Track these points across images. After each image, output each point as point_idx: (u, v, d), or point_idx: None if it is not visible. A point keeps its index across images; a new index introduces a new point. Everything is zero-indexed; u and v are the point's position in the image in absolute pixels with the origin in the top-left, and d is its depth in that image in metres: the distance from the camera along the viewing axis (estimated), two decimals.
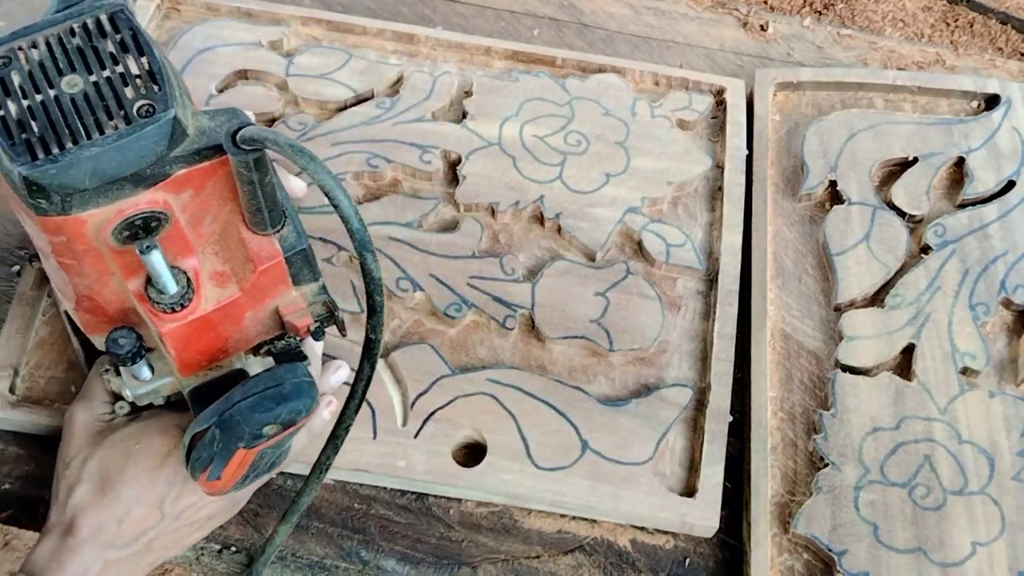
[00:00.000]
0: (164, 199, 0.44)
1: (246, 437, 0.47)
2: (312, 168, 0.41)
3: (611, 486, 0.65)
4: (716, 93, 0.85)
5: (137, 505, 0.54)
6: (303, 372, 0.49)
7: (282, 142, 0.42)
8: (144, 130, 0.42)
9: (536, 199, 0.77)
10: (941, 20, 1.03)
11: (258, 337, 0.52)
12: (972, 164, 0.80)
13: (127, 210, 0.43)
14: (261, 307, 0.50)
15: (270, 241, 0.47)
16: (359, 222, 0.43)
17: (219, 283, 0.48)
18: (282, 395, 0.47)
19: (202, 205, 0.46)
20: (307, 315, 0.51)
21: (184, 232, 0.46)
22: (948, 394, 0.69)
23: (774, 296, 0.75)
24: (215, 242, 0.48)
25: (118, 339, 0.49)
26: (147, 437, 0.55)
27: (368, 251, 0.43)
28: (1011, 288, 0.74)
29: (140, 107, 0.43)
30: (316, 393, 0.49)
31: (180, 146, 0.43)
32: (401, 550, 0.65)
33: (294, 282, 0.49)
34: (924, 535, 0.63)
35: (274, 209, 0.46)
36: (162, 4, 0.86)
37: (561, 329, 0.71)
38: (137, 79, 0.43)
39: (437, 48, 0.86)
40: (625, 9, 0.94)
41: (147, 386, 0.54)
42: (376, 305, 0.45)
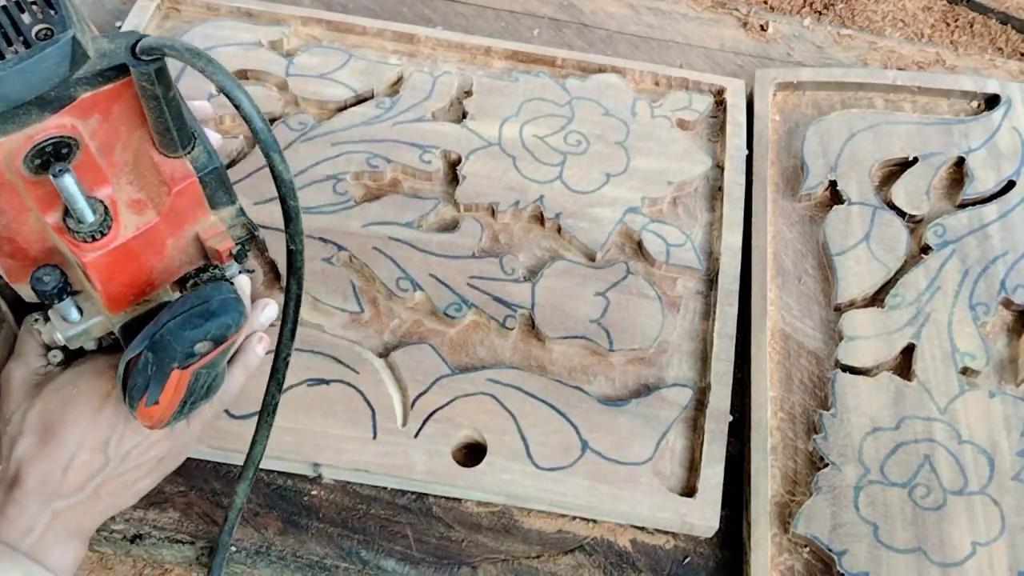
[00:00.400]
0: (72, 123, 0.44)
1: (179, 356, 0.47)
2: (211, 70, 0.42)
3: (611, 486, 0.65)
4: (716, 93, 0.85)
5: (81, 450, 0.53)
6: (229, 289, 0.49)
7: (179, 46, 0.42)
8: (44, 51, 0.42)
9: (536, 199, 0.77)
10: (941, 20, 1.03)
11: (182, 267, 0.52)
12: (972, 164, 0.80)
13: (36, 135, 0.44)
14: (181, 233, 0.50)
15: (182, 162, 0.48)
16: (262, 121, 0.43)
17: (137, 210, 0.48)
18: (210, 311, 0.48)
19: (111, 131, 0.46)
20: (227, 238, 0.51)
21: (96, 160, 0.46)
22: (948, 394, 0.69)
23: (774, 296, 0.75)
24: (129, 171, 0.48)
25: (42, 276, 0.49)
26: (84, 380, 0.55)
27: (275, 151, 0.44)
28: (1011, 288, 0.74)
29: (39, 31, 0.43)
30: (243, 308, 0.49)
31: (82, 67, 0.44)
32: (401, 550, 0.65)
33: (211, 205, 0.49)
34: (924, 535, 0.63)
35: (182, 128, 0.46)
36: (162, 4, 0.86)
37: (561, 329, 0.71)
38: (33, 5, 0.44)
39: (437, 48, 0.86)
40: (625, 9, 0.94)
41: (77, 327, 0.54)
42: (291, 210, 0.46)
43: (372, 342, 0.71)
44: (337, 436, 0.66)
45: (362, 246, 0.74)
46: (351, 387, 0.68)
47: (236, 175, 0.77)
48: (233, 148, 0.78)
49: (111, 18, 0.90)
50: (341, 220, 0.75)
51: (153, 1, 0.86)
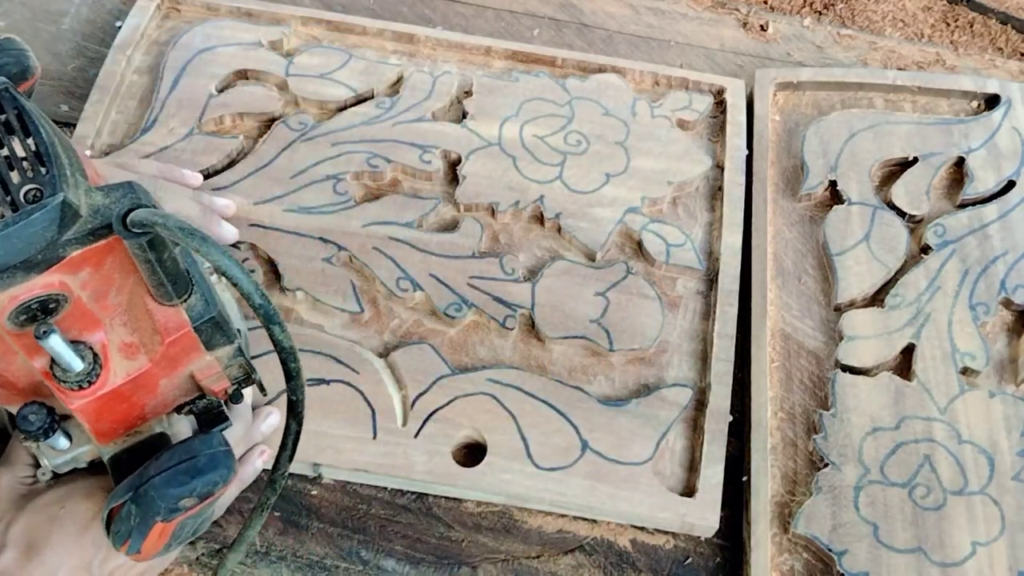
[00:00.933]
0: (60, 280, 0.42)
1: (162, 511, 0.46)
2: (205, 250, 0.40)
3: (611, 486, 0.65)
4: (716, 93, 0.85)
5: (63, 569, 0.53)
6: (219, 442, 0.48)
7: (172, 225, 0.40)
8: (32, 217, 0.40)
9: (536, 199, 0.77)
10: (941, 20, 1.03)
11: (176, 401, 0.51)
12: (972, 164, 0.80)
13: (21, 296, 0.41)
14: (175, 374, 0.48)
15: (177, 311, 0.46)
16: (261, 298, 0.41)
17: (128, 355, 0.47)
18: (197, 468, 0.47)
19: (104, 280, 0.45)
20: (223, 379, 0.50)
21: (87, 308, 0.45)
22: (948, 394, 0.69)
23: (774, 296, 0.75)
24: (123, 312, 0.46)
25: (28, 416, 0.47)
26: (72, 501, 0.54)
27: (275, 323, 0.42)
28: (1011, 288, 0.74)
29: (27, 192, 0.40)
30: (233, 462, 0.48)
31: (72, 228, 0.41)
32: (401, 550, 0.65)
33: (207, 347, 0.48)
34: (924, 535, 0.63)
35: (178, 281, 0.45)
36: (162, 4, 0.86)
37: (561, 329, 0.71)
38: (24, 162, 0.41)
39: (437, 48, 0.86)
40: (625, 9, 0.94)
41: (66, 455, 0.53)
42: (292, 371, 0.45)
43: (372, 342, 0.71)
44: (337, 436, 0.66)
45: (362, 246, 0.74)
46: (351, 387, 0.68)
47: (236, 175, 0.77)
48: (233, 148, 0.78)
49: (111, 18, 0.90)
50: (341, 220, 0.75)
51: (153, 1, 0.86)
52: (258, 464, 0.62)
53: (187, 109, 0.80)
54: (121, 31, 0.84)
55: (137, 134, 0.78)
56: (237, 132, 0.80)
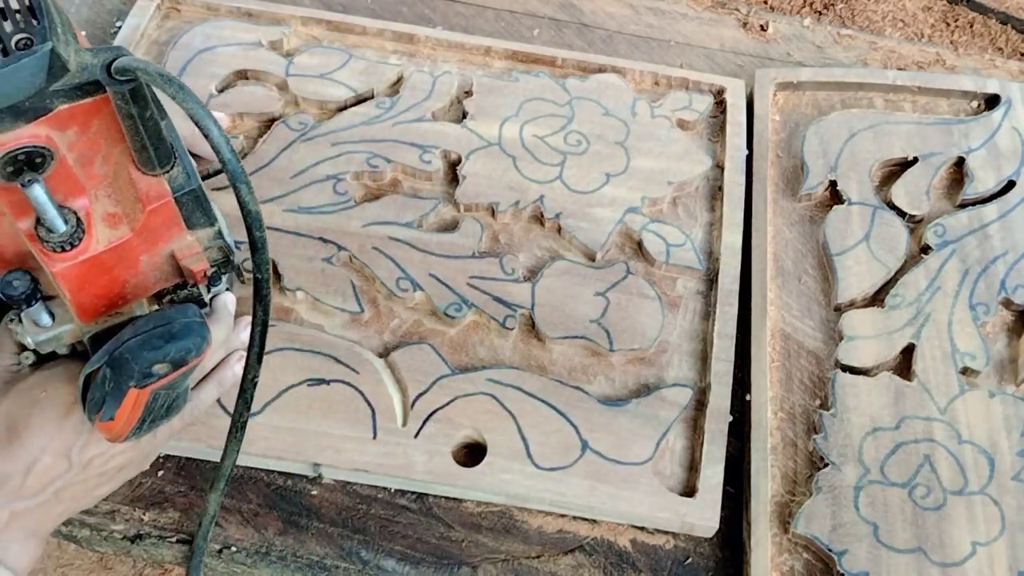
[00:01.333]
0: (47, 134, 0.44)
1: (136, 375, 0.47)
2: (181, 97, 0.41)
3: (611, 486, 0.65)
4: (716, 93, 0.85)
5: (44, 454, 0.53)
6: (194, 313, 0.49)
7: (152, 71, 0.41)
8: (21, 62, 0.42)
9: (536, 199, 0.77)
10: (941, 20, 1.03)
11: (156, 283, 0.52)
12: (972, 164, 0.80)
13: (8, 143, 0.43)
14: (155, 251, 0.49)
15: (159, 181, 0.47)
16: (230, 152, 0.43)
17: (111, 224, 0.48)
18: (171, 333, 0.47)
19: (90, 144, 0.46)
20: (203, 259, 0.51)
21: (73, 171, 0.46)
22: (948, 394, 0.69)
23: (774, 296, 0.75)
24: (108, 184, 0.48)
25: (12, 281, 0.48)
26: (53, 385, 0.54)
27: (242, 183, 0.43)
28: (1011, 288, 0.74)
29: (18, 40, 0.42)
30: (207, 332, 0.49)
31: (60, 80, 0.43)
32: (401, 550, 0.65)
33: (188, 225, 0.49)
34: (924, 535, 0.63)
35: (160, 147, 0.46)
36: (162, 4, 0.86)
37: (561, 329, 0.71)
38: (16, 13, 0.43)
39: (437, 48, 0.86)
40: (625, 9, 0.94)
41: (48, 332, 0.53)
42: (257, 241, 0.45)
43: (372, 342, 0.71)
44: (337, 436, 0.66)
45: (362, 246, 0.74)
46: (351, 387, 0.68)
47: None
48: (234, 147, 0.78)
49: (111, 18, 0.90)
50: (341, 220, 0.75)
51: (153, 1, 0.86)
52: (237, 369, 0.61)
53: None
54: (121, 31, 0.84)
55: None
56: (237, 132, 0.80)
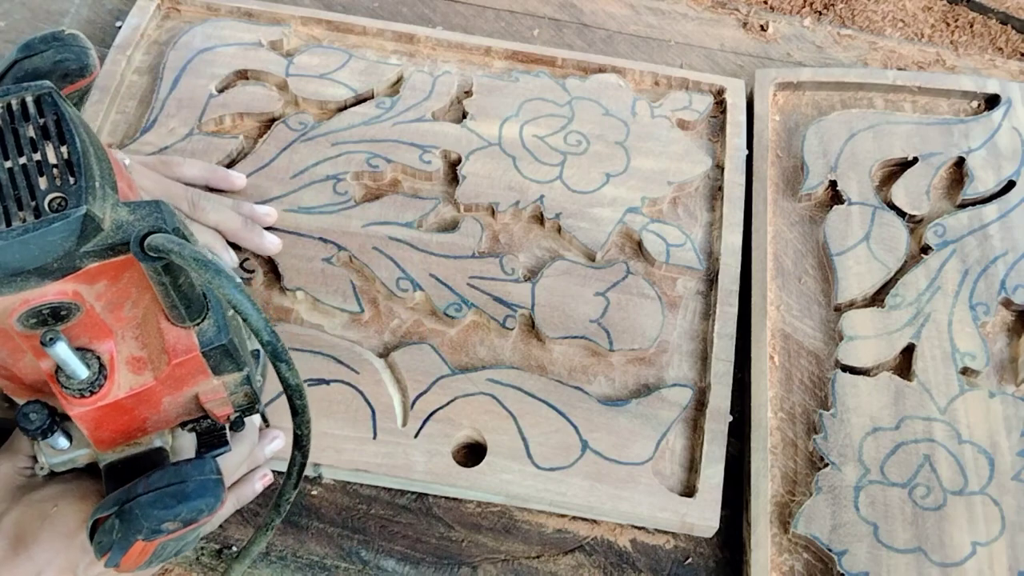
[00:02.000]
0: (74, 290, 0.42)
1: (144, 531, 0.46)
2: (218, 283, 0.40)
3: (611, 486, 0.65)
4: (716, 93, 0.85)
5: (49, 568, 0.53)
6: (211, 469, 0.48)
7: (187, 255, 0.39)
8: (52, 226, 0.40)
9: (536, 199, 0.77)
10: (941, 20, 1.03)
11: (178, 418, 0.51)
12: (972, 164, 0.80)
13: (32, 300, 0.41)
14: (179, 394, 0.48)
15: (188, 334, 0.46)
16: (270, 334, 0.41)
17: (135, 369, 0.46)
18: (184, 493, 0.46)
19: (120, 293, 0.44)
20: (227, 404, 0.50)
21: (99, 318, 0.44)
22: (948, 394, 0.69)
23: (774, 296, 0.75)
24: (135, 326, 0.46)
25: (28, 414, 0.47)
26: (65, 501, 0.54)
27: (282, 361, 0.42)
28: (1011, 288, 0.74)
29: (52, 200, 0.40)
30: (222, 492, 0.48)
31: (92, 241, 0.41)
32: (401, 550, 0.65)
33: (215, 372, 0.48)
34: (924, 535, 0.63)
35: (191, 305, 0.45)
36: (162, 4, 0.86)
37: (561, 329, 0.71)
38: (54, 168, 0.41)
39: (437, 48, 0.86)
40: (625, 9, 0.94)
41: (64, 456, 0.53)
42: (298, 408, 0.45)
43: (372, 342, 0.71)
44: (337, 436, 0.66)
45: (362, 246, 0.74)
46: (351, 387, 0.68)
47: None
48: (233, 148, 0.78)
49: (111, 18, 0.90)
50: (341, 220, 0.75)
51: (153, 1, 0.86)
52: (258, 487, 0.62)
53: (187, 109, 0.80)
54: (121, 31, 0.84)
55: (137, 134, 0.78)
56: (237, 132, 0.80)
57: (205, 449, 0.52)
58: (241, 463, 0.60)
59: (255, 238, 0.72)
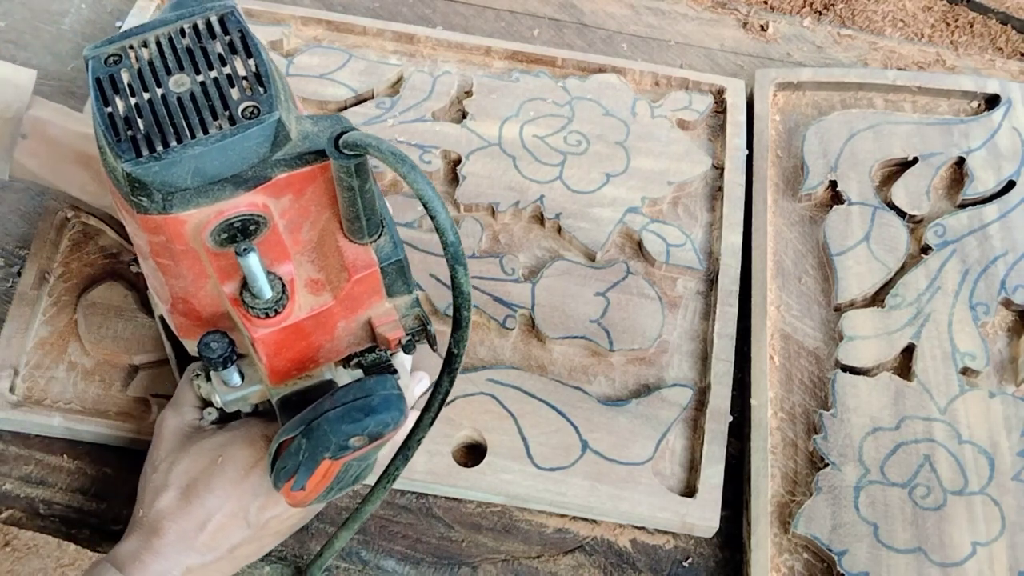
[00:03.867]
0: (264, 202, 0.44)
1: (332, 447, 0.47)
2: (412, 177, 0.41)
3: (611, 486, 0.65)
4: (716, 93, 0.85)
5: (220, 514, 0.54)
6: (393, 385, 0.48)
7: (384, 148, 0.41)
8: (248, 131, 0.42)
9: (536, 199, 0.77)
10: (941, 20, 1.03)
11: (349, 348, 0.52)
12: (972, 164, 0.80)
13: (227, 211, 0.43)
14: (353, 317, 0.49)
15: (366, 250, 0.47)
16: (454, 235, 0.42)
17: (313, 291, 0.48)
18: (371, 407, 0.47)
19: (301, 211, 0.46)
20: (399, 328, 0.50)
21: (282, 237, 0.46)
22: (948, 394, 0.69)
23: (774, 296, 0.75)
24: (311, 249, 0.48)
25: (210, 343, 0.49)
26: (234, 447, 0.55)
27: (460, 264, 0.43)
28: (1011, 288, 0.74)
29: (245, 108, 0.43)
30: (405, 406, 0.48)
31: (283, 149, 0.43)
32: (401, 550, 0.65)
33: (388, 294, 0.49)
34: (924, 535, 0.63)
35: (372, 218, 0.46)
36: (162, 4, 0.86)
37: (561, 329, 0.71)
38: (244, 80, 0.43)
39: (437, 48, 0.86)
40: (625, 9, 0.94)
41: (237, 392, 0.54)
42: (462, 320, 0.45)
43: None
44: None
45: None
46: None
47: None
48: None
49: (111, 18, 0.90)
50: None
51: (153, 1, 0.86)
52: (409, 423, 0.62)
53: None
54: (121, 31, 0.84)
55: None
56: None
57: None
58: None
59: None
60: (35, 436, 0.67)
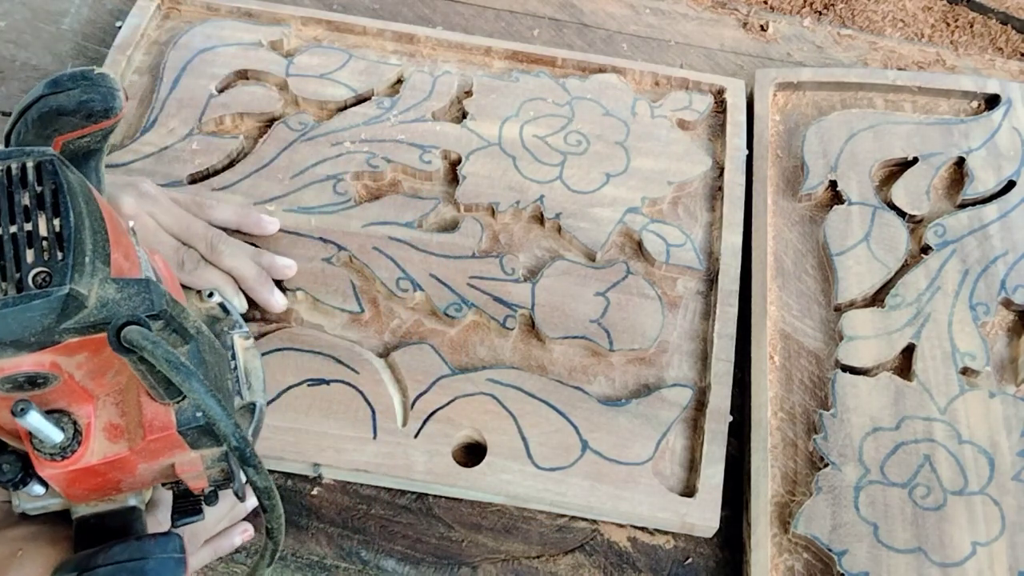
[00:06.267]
0: (52, 361, 0.41)
1: None
2: (188, 386, 0.39)
3: (611, 486, 0.65)
4: (716, 93, 0.85)
5: None
6: (174, 548, 0.47)
7: (159, 355, 0.39)
8: (32, 303, 0.39)
9: (536, 199, 0.77)
10: (941, 20, 1.03)
11: (154, 482, 0.50)
12: (972, 164, 0.80)
13: (7, 369, 0.40)
14: (155, 463, 0.47)
15: (166, 411, 0.45)
16: (239, 440, 0.41)
17: (111, 437, 0.45)
18: (143, 571, 0.46)
19: (103, 363, 0.44)
20: (203, 478, 0.49)
21: (79, 385, 0.44)
22: (948, 394, 0.69)
23: (774, 296, 0.75)
24: (117, 392, 0.46)
25: (2, 466, 0.46)
26: (36, 544, 0.53)
27: (251, 465, 0.41)
28: (1011, 288, 0.74)
29: (36, 275, 0.39)
30: (182, 572, 0.47)
31: (73, 319, 0.40)
32: (401, 550, 0.65)
33: (192, 447, 0.47)
34: (924, 535, 0.63)
35: (170, 387, 0.43)
36: (162, 4, 0.86)
37: (561, 329, 0.71)
38: (43, 241, 0.40)
39: (437, 48, 0.86)
40: (625, 9, 0.94)
41: (38, 502, 0.52)
42: (267, 507, 0.44)
43: (372, 342, 0.71)
44: (337, 436, 0.66)
45: (362, 246, 0.74)
46: (351, 387, 0.68)
47: (236, 175, 0.77)
48: (233, 148, 0.78)
49: (111, 18, 0.90)
50: (341, 220, 0.75)
51: (153, 1, 0.86)
52: (236, 541, 0.62)
53: (187, 109, 0.80)
54: (121, 31, 0.84)
55: (137, 134, 0.78)
56: (237, 132, 0.80)
57: (179, 515, 0.51)
58: (223, 517, 0.61)
59: (264, 293, 0.70)
60: None
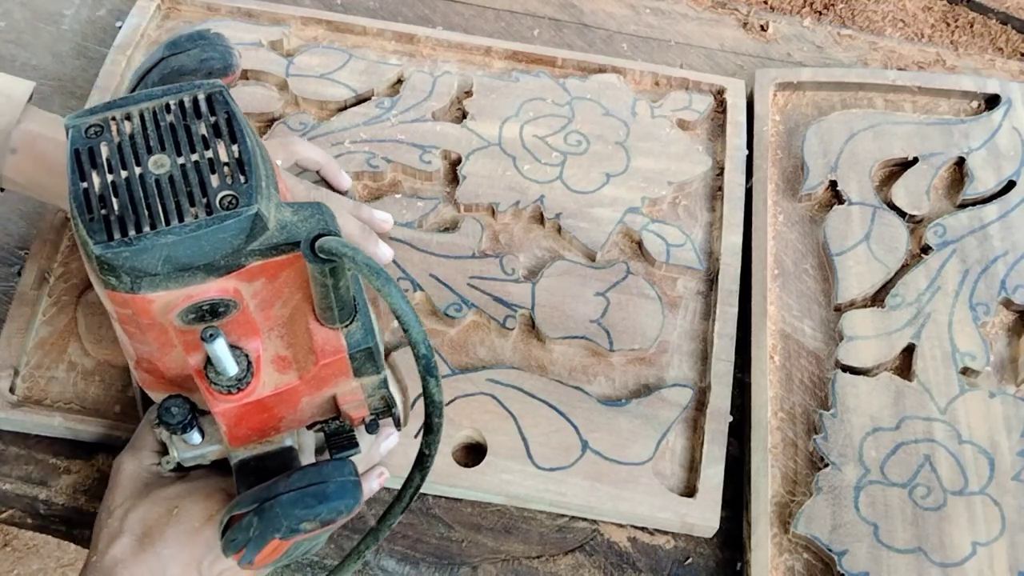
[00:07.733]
0: (235, 287, 0.43)
1: (283, 530, 0.47)
2: (387, 291, 0.40)
3: (611, 486, 0.65)
4: (716, 93, 0.85)
5: (174, 564, 0.53)
6: (350, 471, 0.48)
7: (360, 260, 0.40)
8: (224, 223, 0.41)
9: (536, 199, 0.77)
10: (941, 20, 1.03)
11: (312, 419, 0.51)
12: (972, 164, 0.80)
13: (196, 296, 0.42)
14: (318, 394, 0.49)
15: (336, 335, 0.46)
16: (427, 348, 0.42)
17: (280, 368, 0.47)
18: (325, 494, 0.47)
19: (274, 292, 0.45)
20: (364, 407, 0.50)
21: (251, 316, 0.45)
22: (948, 394, 0.69)
23: (774, 296, 0.75)
24: (282, 325, 0.47)
25: (170, 408, 0.48)
26: (191, 498, 0.55)
27: (432, 376, 0.42)
28: (1011, 288, 0.74)
29: (223, 198, 0.41)
30: (360, 494, 0.48)
31: (258, 240, 0.42)
32: (401, 550, 0.65)
33: (355, 374, 0.48)
34: (924, 535, 0.63)
35: (344, 307, 0.45)
36: (162, 4, 0.86)
37: (561, 329, 0.71)
38: (225, 167, 0.42)
39: (437, 48, 0.86)
40: (625, 9, 0.94)
41: (195, 450, 0.53)
42: (433, 426, 0.45)
43: None
44: None
45: None
46: None
47: None
48: None
49: (111, 18, 0.90)
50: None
51: (153, 1, 0.86)
52: (374, 485, 0.62)
53: None
54: (121, 31, 0.84)
55: None
56: None
57: (335, 450, 0.52)
58: (359, 462, 0.60)
59: (371, 247, 0.70)
60: (35, 436, 0.67)
